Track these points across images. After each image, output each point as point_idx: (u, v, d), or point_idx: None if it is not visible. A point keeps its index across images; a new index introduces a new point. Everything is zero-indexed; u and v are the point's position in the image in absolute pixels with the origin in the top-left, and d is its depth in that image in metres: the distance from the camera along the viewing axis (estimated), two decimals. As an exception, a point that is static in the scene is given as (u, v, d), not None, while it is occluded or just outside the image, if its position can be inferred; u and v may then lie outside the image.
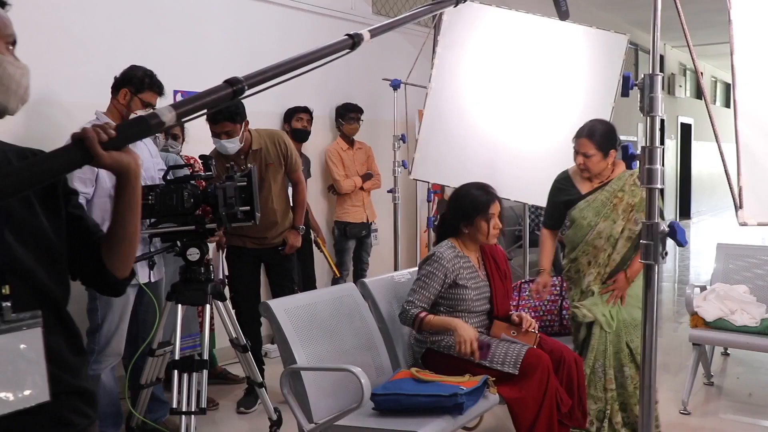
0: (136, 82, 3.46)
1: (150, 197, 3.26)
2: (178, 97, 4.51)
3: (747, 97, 1.99)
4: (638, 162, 1.87)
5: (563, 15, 2.03)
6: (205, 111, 1.31)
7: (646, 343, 1.99)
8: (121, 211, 1.51)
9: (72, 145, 1.29)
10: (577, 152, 3.54)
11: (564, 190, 3.66)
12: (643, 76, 1.86)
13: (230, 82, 1.30)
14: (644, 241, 1.87)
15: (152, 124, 1.26)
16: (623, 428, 3.47)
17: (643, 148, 1.86)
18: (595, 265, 3.52)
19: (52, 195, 1.51)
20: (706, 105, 2.07)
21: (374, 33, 1.51)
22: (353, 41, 1.47)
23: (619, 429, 3.46)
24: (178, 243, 3.36)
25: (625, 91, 1.89)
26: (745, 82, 1.98)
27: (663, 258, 1.85)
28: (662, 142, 13.51)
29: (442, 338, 3.24)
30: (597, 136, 3.49)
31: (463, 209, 3.33)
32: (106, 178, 3.38)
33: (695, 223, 15.36)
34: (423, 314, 3.20)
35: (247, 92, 1.34)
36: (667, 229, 1.84)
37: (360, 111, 5.91)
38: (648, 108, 1.86)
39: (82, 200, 3.31)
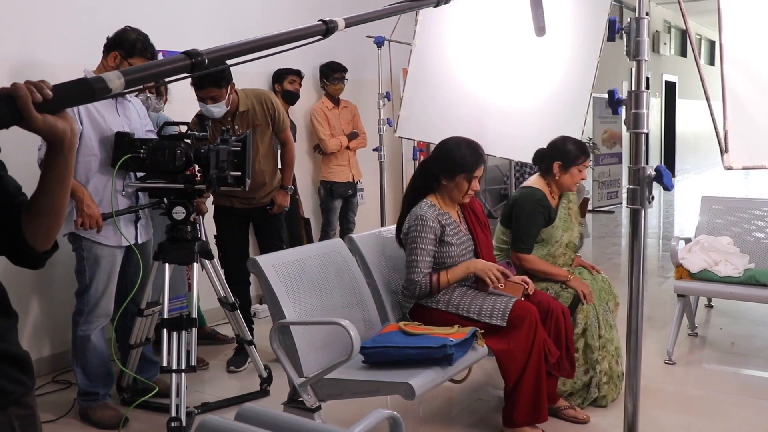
0: (126, 46, 3.36)
1: (142, 150, 3.24)
2: (159, 57, 4.45)
3: (734, 41, 1.98)
4: (624, 107, 1.87)
5: (539, 31, 2.08)
6: (162, 82, 1.22)
7: (633, 289, 2.01)
8: (49, 184, 1.35)
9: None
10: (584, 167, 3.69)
11: (546, 210, 3.60)
12: (629, 20, 1.85)
13: (190, 54, 1.21)
14: (631, 186, 1.87)
15: (96, 89, 1.13)
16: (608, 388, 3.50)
17: (629, 92, 1.86)
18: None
19: None
20: (694, 55, 2.07)
21: (350, 22, 1.46)
22: (327, 27, 1.41)
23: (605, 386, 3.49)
24: (165, 200, 3.35)
25: (611, 35, 1.88)
26: (731, 26, 1.97)
27: (650, 203, 1.86)
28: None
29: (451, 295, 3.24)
30: None
31: (449, 162, 3.27)
32: (92, 136, 3.33)
33: (680, 180, 15.43)
34: (435, 277, 3.19)
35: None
36: (653, 173, 1.84)
37: (344, 70, 5.84)
38: (634, 52, 1.85)
39: None
